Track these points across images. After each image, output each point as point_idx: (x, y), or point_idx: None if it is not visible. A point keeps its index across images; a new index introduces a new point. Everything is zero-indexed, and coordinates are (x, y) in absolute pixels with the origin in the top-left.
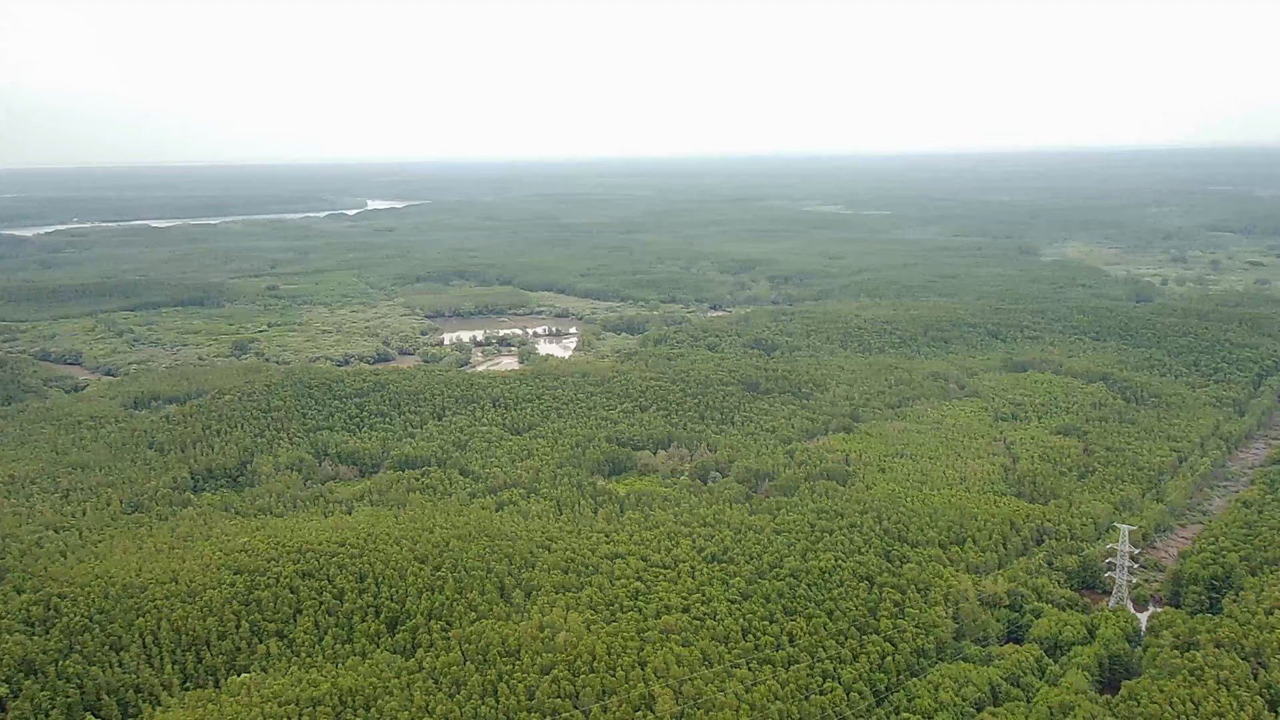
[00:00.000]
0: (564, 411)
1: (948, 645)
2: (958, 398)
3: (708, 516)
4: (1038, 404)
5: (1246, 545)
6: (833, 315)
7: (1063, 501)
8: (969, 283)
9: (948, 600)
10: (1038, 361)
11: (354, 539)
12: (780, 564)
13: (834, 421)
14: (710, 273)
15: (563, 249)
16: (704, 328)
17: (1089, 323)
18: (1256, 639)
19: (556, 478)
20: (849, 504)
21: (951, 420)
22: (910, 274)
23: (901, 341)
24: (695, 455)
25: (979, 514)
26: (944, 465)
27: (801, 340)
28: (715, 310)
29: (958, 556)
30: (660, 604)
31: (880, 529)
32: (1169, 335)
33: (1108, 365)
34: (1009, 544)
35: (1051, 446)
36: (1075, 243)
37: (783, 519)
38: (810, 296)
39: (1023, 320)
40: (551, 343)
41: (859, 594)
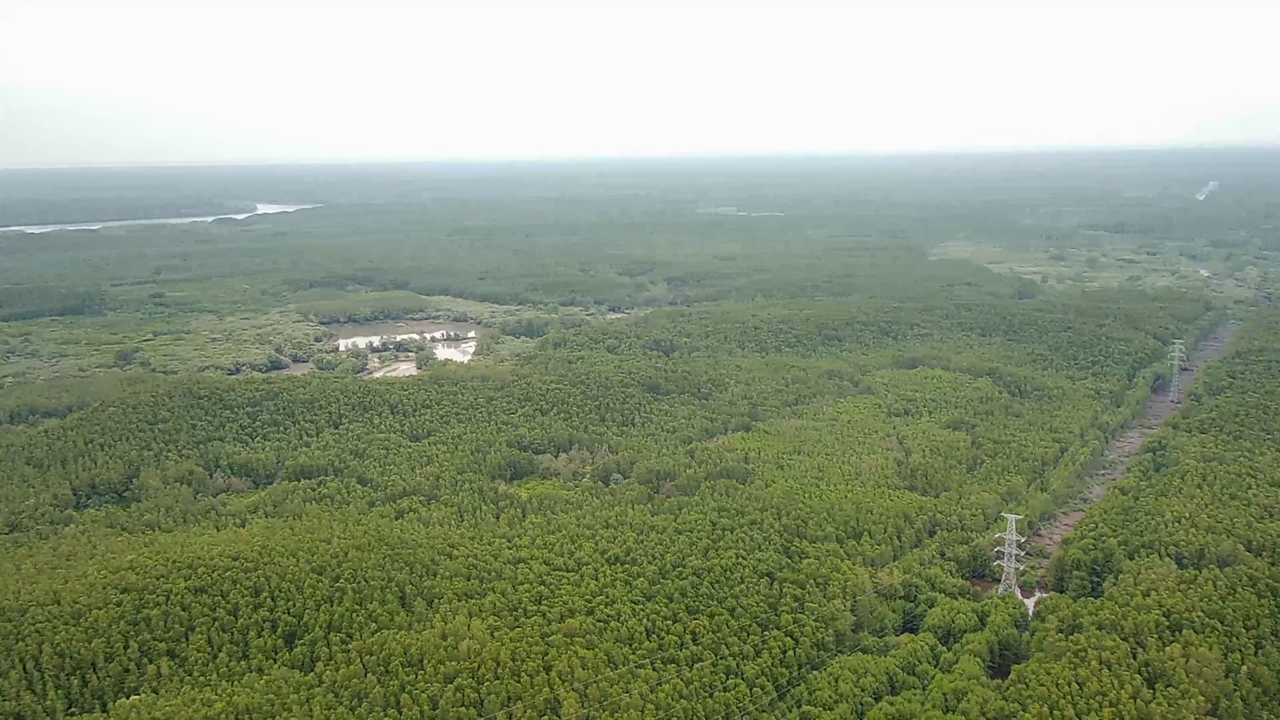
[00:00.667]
0: (464, 416)
1: (847, 637)
2: (852, 395)
3: (610, 518)
4: (928, 399)
5: (1124, 530)
6: (730, 316)
7: (953, 493)
8: (861, 282)
9: (846, 593)
10: (927, 358)
11: (248, 552)
12: (683, 563)
13: (733, 421)
14: (609, 274)
15: (461, 252)
16: (603, 330)
17: (975, 319)
18: (1135, 620)
19: (457, 484)
20: (749, 502)
21: (846, 417)
22: (804, 274)
23: (797, 341)
24: (597, 457)
25: (874, 508)
26: (840, 461)
27: (700, 341)
28: (614, 312)
29: (855, 550)
30: (564, 607)
31: (780, 525)
32: (1050, 331)
33: (993, 360)
34: (903, 536)
35: (942, 440)
36: (961, 242)
37: (684, 518)
38: (708, 297)
39: (913, 318)
40: (450, 347)
41: (760, 590)
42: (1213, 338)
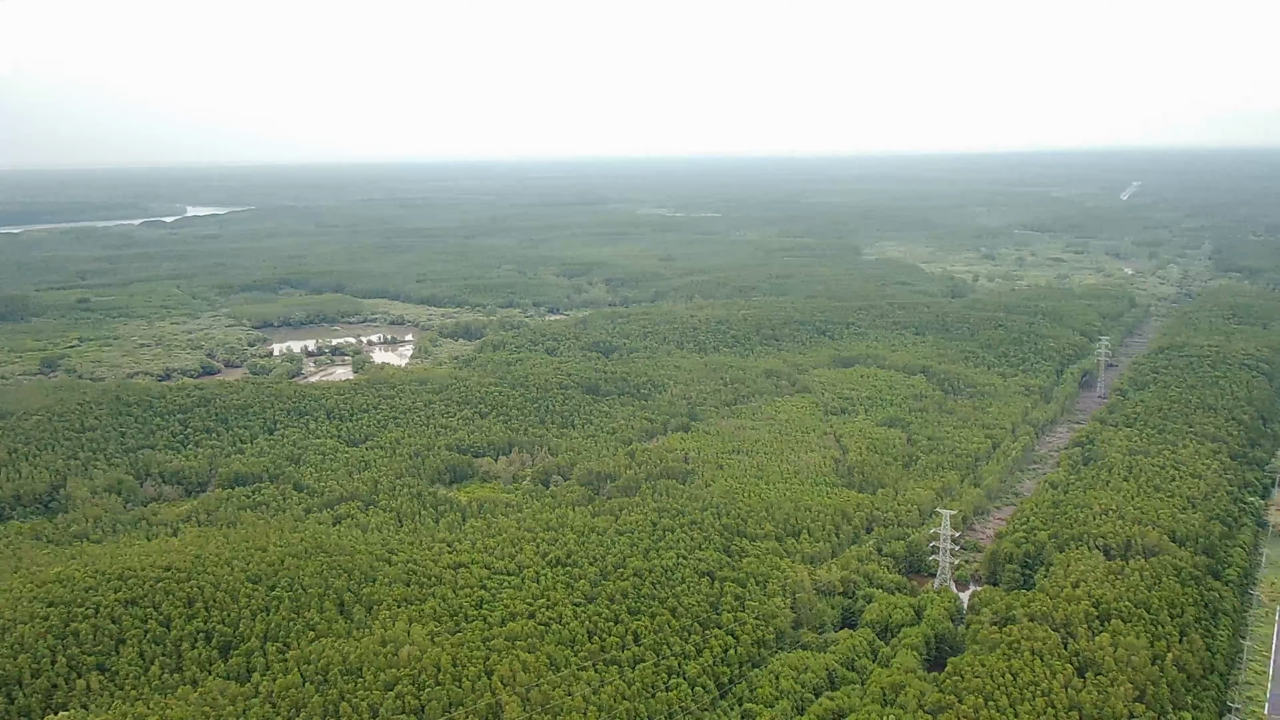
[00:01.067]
0: (401, 420)
1: (787, 634)
2: (790, 394)
3: (551, 520)
4: (864, 397)
5: (1054, 524)
6: (668, 316)
7: (889, 490)
8: (798, 282)
9: (786, 591)
10: (863, 356)
11: (181, 562)
12: (624, 564)
13: (673, 421)
14: (548, 276)
15: (399, 255)
16: (542, 331)
17: (909, 318)
18: (1065, 611)
19: (395, 489)
20: (689, 501)
21: (784, 416)
22: (741, 275)
23: (735, 341)
24: (537, 460)
25: (813, 505)
26: (779, 460)
27: (639, 342)
28: (553, 314)
29: (794, 548)
30: (505, 611)
31: (720, 525)
32: (981, 328)
33: (927, 358)
34: (841, 533)
35: (878, 438)
36: (895, 242)
37: (625, 519)
38: (646, 298)
39: (848, 317)
40: (387, 351)
41: (701, 589)
42: (1137, 334)
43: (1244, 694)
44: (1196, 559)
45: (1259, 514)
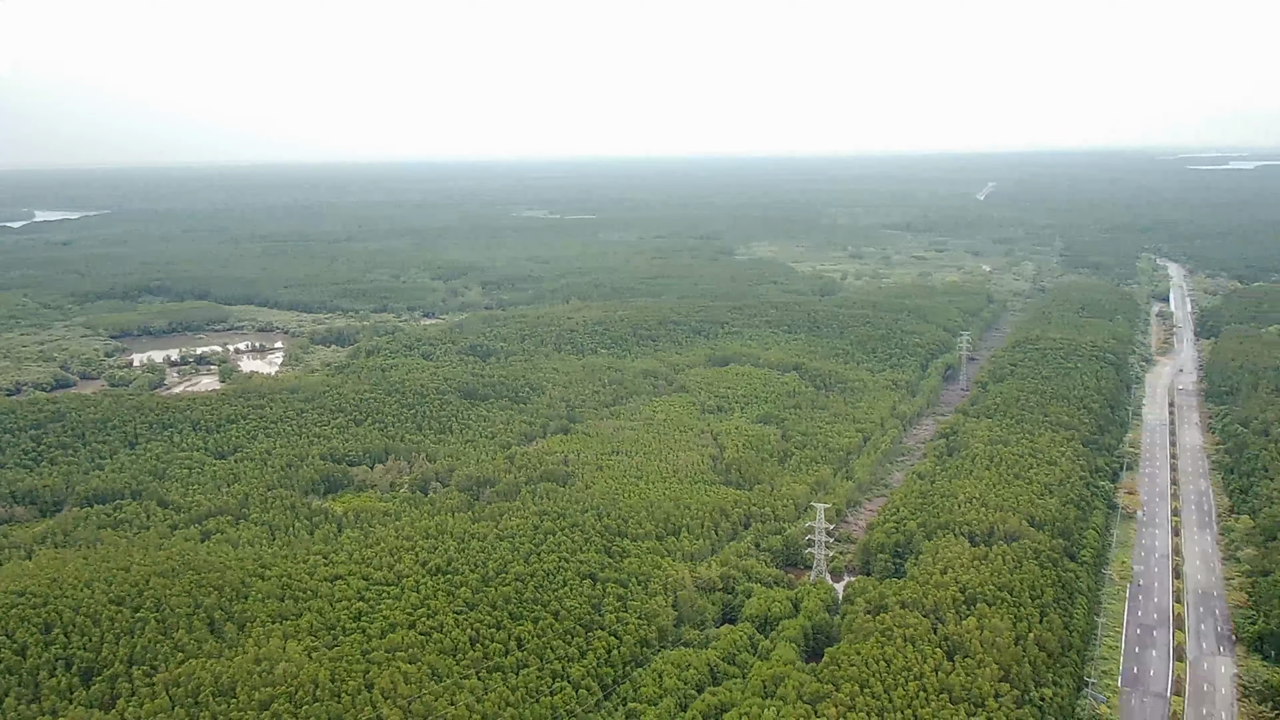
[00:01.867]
0: (272, 431)
1: (669, 632)
2: (667, 394)
3: (430, 528)
4: (739, 395)
5: (923, 513)
6: (545, 319)
7: (766, 486)
8: (673, 283)
9: (667, 589)
10: (738, 355)
11: (36, 586)
12: (505, 570)
13: (552, 424)
14: (422, 280)
15: (266, 260)
16: (418, 336)
17: (781, 317)
18: (934, 597)
19: (267, 501)
20: (570, 504)
21: (663, 416)
22: (617, 276)
23: (613, 342)
24: (414, 467)
25: (692, 504)
26: (658, 459)
27: (516, 345)
28: (428, 318)
29: (674, 546)
30: (385, 622)
31: (601, 526)
32: (851, 326)
33: (799, 356)
34: (720, 530)
35: (754, 435)
36: (767, 242)
37: (506, 524)
38: (523, 301)
39: (723, 317)
40: (255, 359)
41: (583, 592)
42: (995, 328)
43: (1099, 668)
44: (1054, 542)
45: (1109, 497)
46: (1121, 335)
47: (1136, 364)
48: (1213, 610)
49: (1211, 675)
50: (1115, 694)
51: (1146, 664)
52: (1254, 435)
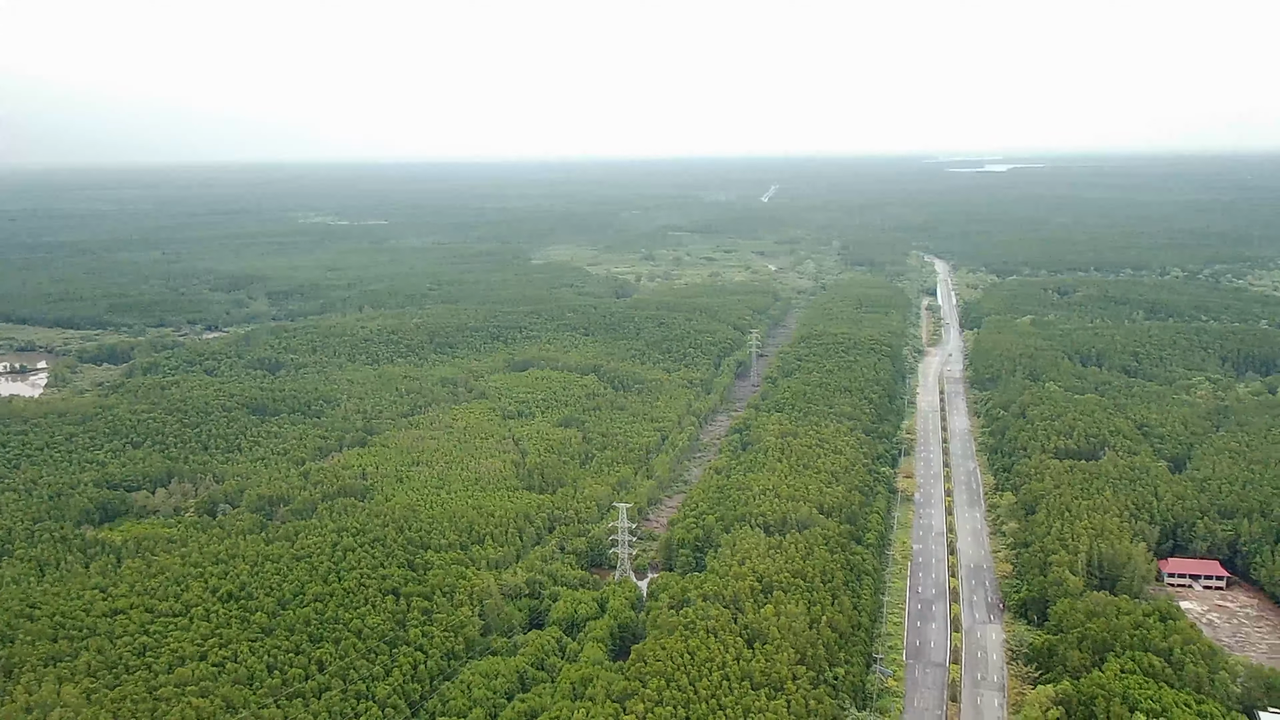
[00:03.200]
0: (37, 458)
1: (476, 642)
2: (467, 400)
3: (220, 553)
4: (540, 399)
5: (720, 507)
6: (338, 329)
7: (569, 488)
8: (469, 288)
9: (473, 599)
10: (537, 359)
11: None
12: (303, 591)
13: (348, 436)
14: (203, 291)
15: (24, 273)
16: (200, 351)
17: (578, 320)
18: (734, 587)
19: (34, 534)
20: (370, 518)
21: (463, 423)
22: (412, 283)
23: (409, 350)
24: (201, 489)
25: (495, 511)
26: (460, 468)
27: (308, 356)
28: (211, 331)
29: (479, 555)
30: (173, 656)
31: (403, 539)
32: (646, 327)
33: (597, 357)
34: (524, 536)
35: (555, 438)
36: (562, 245)
37: (302, 544)
38: (313, 311)
39: (520, 321)
40: (15, 381)
41: (387, 608)
42: (782, 325)
43: (886, 644)
44: (842, 527)
45: (890, 481)
46: (895, 328)
47: (910, 355)
48: (983, 582)
49: (984, 642)
50: (901, 667)
51: (928, 636)
52: (1013, 418)
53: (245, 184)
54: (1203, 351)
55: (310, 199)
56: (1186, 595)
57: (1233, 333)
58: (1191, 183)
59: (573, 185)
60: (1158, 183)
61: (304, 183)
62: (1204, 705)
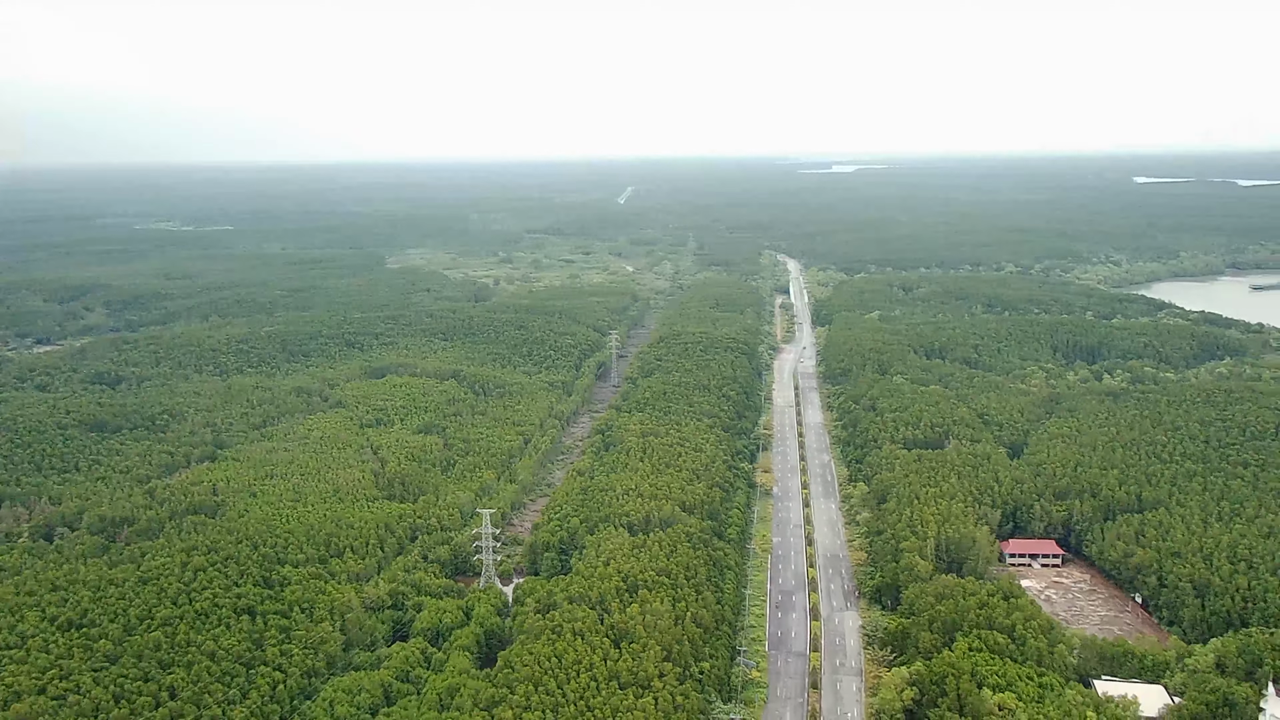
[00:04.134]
0: None
1: (338, 658)
2: (323, 410)
3: (58, 579)
4: (399, 407)
5: (584, 509)
6: (183, 339)
7: (430, 496)
8: (321, 295)
9: (333, 614)
10: (395, 366)
11: None
12: (151, 615)
13: (197, 451)
14: (33, 303)
15: None
16: (30, 366)
17: (437, 325)
18: (599, 588)
19: None
20: (222, 536)
21: (319, 433)
22: (260, 290)
23: (260, 360)
24: (35, 512)
25: (355, 522)
26: (317, 479)
27: (151, 369)
28: (43, 345)
29: (339, 568)
30: (8, 692)
31: (258, 556)
32: (505, 330)
33: (457, 362)
34: (386, 546)
35: (415, 446)
36: (418, 249)
37: (149, 566)
38: (156, 321)
39: (377, 327)
40: None
41: (242, 628)
42: (641, 326)
43: (749, 636)
44: (704, 524)
45: (749, 476)
46: (751, 327)
47: (765, 352)
48: (840, 571)
49: (842, 629)
50: (764, 658)
51: (789, 626)
52: (864, 411)
53: (84, 189)
54: (1036, 343)
55: (151, 205)
56: (1026, 574)
57: (1062, 324)
58: (1017, 182)
59: (429, 189)
60: (987, 183)
61: (147, 189)
62: (1044, 677)
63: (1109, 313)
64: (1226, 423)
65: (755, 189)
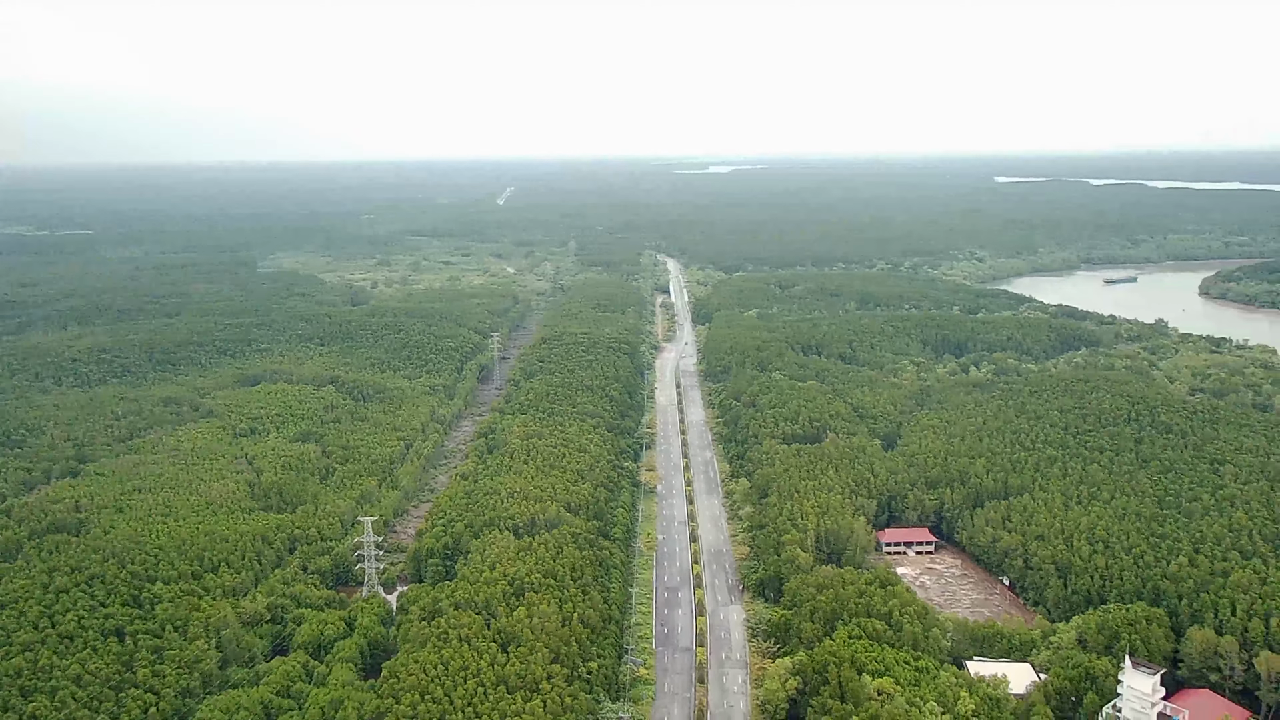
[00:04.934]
0: None
1: (215, 677)
2: (193, 420)
3: None
4: (274, 415)
5: (469, 513)
6: (39, 349)
7: (309, 506)
8: (190, 300)
9: (208, 631)
10: (269, 373)
11: None
12: (10, 641)
13: (57, 467)
14: None
15: None
16: None
17: (313, 330)
18: (485, 593)
19: None
20: (87, 554)
21: (190, 444)
22: (124, 296)
23: (124, 369)
24: None
25: (230, 535)
26: (188, 492)
27: (4, 381)
28: None
29: (214, 583)
30: None
31: (126, 574)
32: (384, 334)
33: (334, 368)
34: (263, 559)
35: (292, 455)
36: (292, 253)
37: (7, 589)
38: (7, 331)
39: (249, 334)
40: None
41: (111, 650)
42: (523, 327)
43: (636, 634)
44: (589, 524)
45: (634, 475)
46: (633, 326)
47: (647, 351)
48: (724, 565)
49: (727, 623)
50: (651, 655)
51: (675, 622)
52: (744, 408)
53: None
54: (906, 337)
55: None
56: (902, 561)
57: (931, 319)
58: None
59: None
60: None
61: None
62: (920, 661)
63: (974, 308)
64: (1084, 411)
65: (635, 190)
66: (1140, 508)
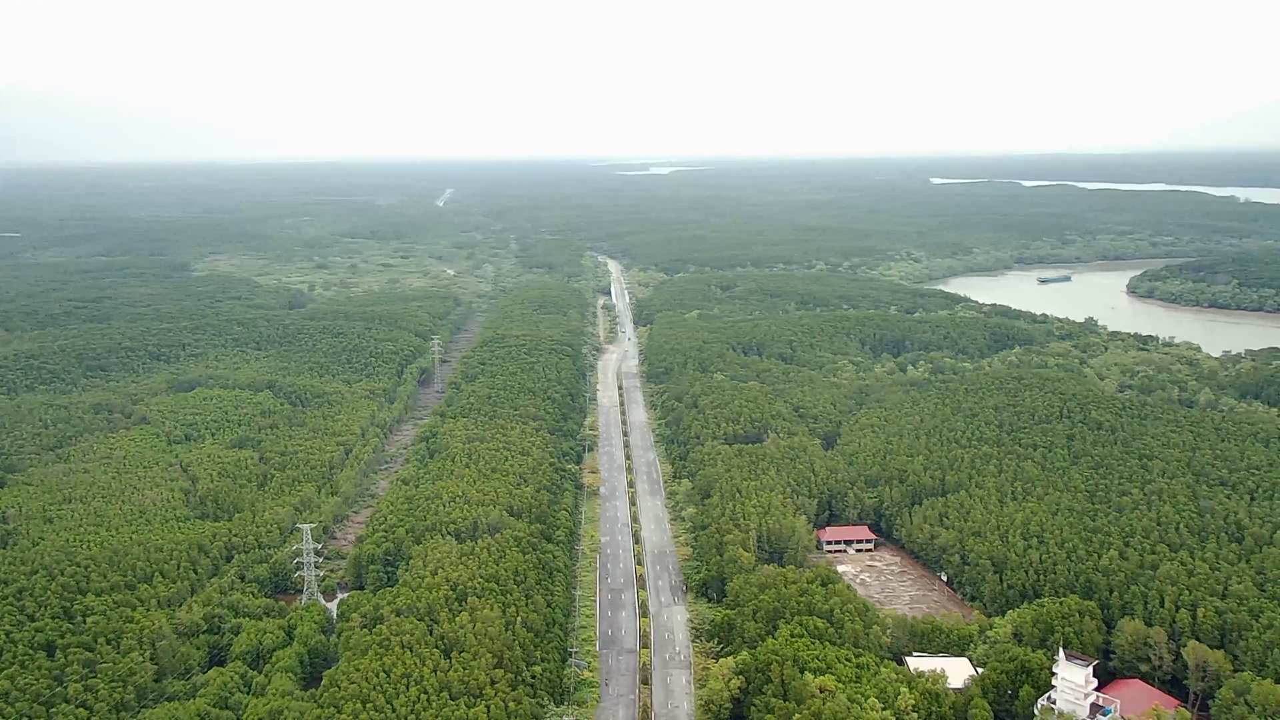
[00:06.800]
0: None
1: (150, 689)
2: (126, 427)
3: None
4: (210, 421)
5: (410, 518)
6: None
7: (247, 513)
8: (120, 304)
9: (143, 643)
10: (204, 378)
11: None
12: None
13: None
14: None
15: None
16: None
17: (249, 334)
18: (427, 599)
19: None
20: (14, 567)
21: (122, 452)
22: (49, 301)
23: (52, 376)
24: None
25: (164, 544)
26: (120, 501)
27: None
28: None
29: (148, 594)
30: None
31: (56, 586)
32: (323, 338)
33: (271, 373)
34: (199, 568)
35: (229, 461)
36: (226, 255)
37: None
38: None
39: (183, 338)
40: None
41: (40, 665)
42: (464, 329)
43: (580, 637)
44: (532, 527)
45: (576, 477)
46: (574, 328)
47: (589, 353)
48: (667, 566)
49: (670, 624)
50: (595, 657)
51: (619, 624)
52: (686, 408)
53: None
54: (845, 337)
55: None
56: (842, 559)
57: (869, 319)
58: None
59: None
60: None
61: None
62: (861, 657)
63: (911, 307)
64: (1017, 408)
65: (576, 190)
66: (1072, 503)
